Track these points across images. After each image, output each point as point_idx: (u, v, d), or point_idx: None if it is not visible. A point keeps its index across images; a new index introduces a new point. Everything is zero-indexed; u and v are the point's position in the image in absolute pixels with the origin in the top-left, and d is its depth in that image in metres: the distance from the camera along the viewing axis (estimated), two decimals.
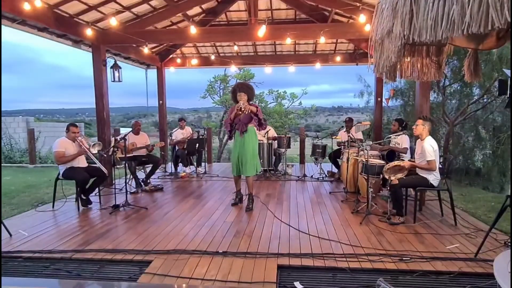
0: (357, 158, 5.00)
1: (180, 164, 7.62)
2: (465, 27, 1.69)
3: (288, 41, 6.01)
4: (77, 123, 4.96)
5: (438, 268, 2.93)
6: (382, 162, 4.64)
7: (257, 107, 4.48)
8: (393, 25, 2.19)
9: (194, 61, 8.73)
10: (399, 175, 4.05)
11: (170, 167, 7.81)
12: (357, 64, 8.29)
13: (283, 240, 3.59)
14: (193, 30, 5.85)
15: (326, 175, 7.05)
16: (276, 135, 7.62)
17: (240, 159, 4.54)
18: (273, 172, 7.33)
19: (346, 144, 6.07)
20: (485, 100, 8.74)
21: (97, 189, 5.09)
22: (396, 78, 4.42)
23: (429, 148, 3.92)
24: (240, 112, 4.33)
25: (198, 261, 3.08)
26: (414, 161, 4.24)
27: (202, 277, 2.78)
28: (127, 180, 5.43)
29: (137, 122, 6.27)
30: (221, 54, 9.03)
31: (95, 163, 4.88)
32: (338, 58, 8.40)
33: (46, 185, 6.71)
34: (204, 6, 6.73)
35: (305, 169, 7.49)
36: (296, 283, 2.71)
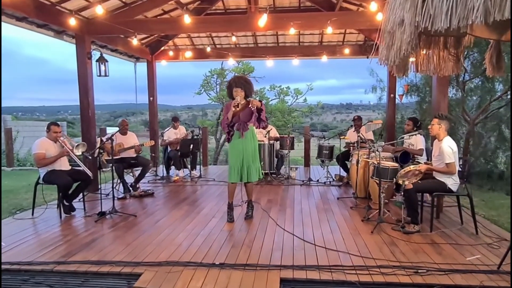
0: (368, 160, 5.01)
1: (173, 167, 7.61)
2: (486, 14, 1.68)
3: (292, 31, 6.02)
4: (59, 122, 5.03)
5: (457, 282, 2.92)
6: (395, 164, 4.63)
7: (261, 102, 4.40)
8: (405, 12, 2.20)
9: (188, 54, 8.75)
10: (414, 179, 4.05)
11: (161, 170, 7.81)
12: (367, 57, 8.31)
13: (286, 250, 3.58)
14: (187, 19, 5.87)
15: (333, 179, 7.05)
16: (278, 135, 7.62)
17: (242, 164, 4.44)
18: (275, 175, 7.33)
19: (355, 145, 6.08)
20: (508, 97, 8.73)
21: (81, 194, 5.09)
22: (408, 72, 4.43)
23: (448, 149, 3.92)
24: (238, 109, 4.26)
25: (193, 274, 3.07)
26: (430, 164, 4.24)
27: None
28: (114, 185, 5.43)
29: (124, 121, 6.27)
30: (217, 46, 9.05)
31: (79, 166, 4.88)
32: (346, 51, 8.42)
33: (25, 190, 6.72)
34: None
35: (310, 172, 7.46)
36: None
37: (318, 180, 7.12)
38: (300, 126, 17.11)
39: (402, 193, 4.13)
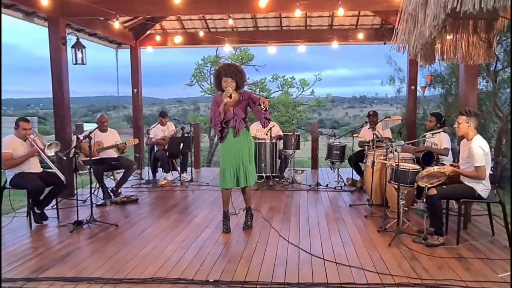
0: (385, 162, 4.98)
1: (160, 170, 7.58)
2: None
3: (298, 13, 6.00)
4: (28, 117, 5.02)
5: None
6: (417, 167, 4.60)
7: (267, 98, 4.42)
8: None
9: (178, 39, 8.73)
10: (436, 182, 4.05)
11: (147, 173, 7.79)
12: (385, 43, 8.29)
13: (290, 266, 3.58)
14: None
15: (345, 184, 7.03)
16: (281, 133, 7.59)
17: (238, 166, 4.45)
18: (278, 179, 7.30)
19: (370, 144, 6.06)
20: None
21: (54, 200, 5.07)
22: (435, 61, 4.44)
23: (479, 151, 3.90)
24: (230, 100, 4.22)
25: None
26: (457, 166, 4.24)
27: None
28: (93, 190, 5.39)
29: (104, 116, 6.26)
30: (212, 30, 9.04)
31: (52, 168, 4.87)
32: (360, 35, 8.41)
33: None
34: None
35: (319, 176, 7.46)
36: None
37: (327, 184, 7.11)
38: (306, 123, 17.09)
39: (425, 200, 4.09)
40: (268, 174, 7.14)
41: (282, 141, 7.48)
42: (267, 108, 4.26)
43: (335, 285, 3.17)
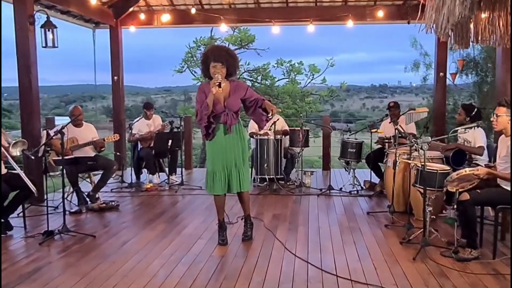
0: (409, 161, 4.96)
1: (145, 171, 7.58)
2: None
3: None
4: None
5: None
6: (446, 168, 4.59)
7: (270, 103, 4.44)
8: None
9: (166, 17, 8.73)
10: (468, 186, 4.04)
11: (129, 174, 7.79)
12: (408, 22, 8.25)
13: (298, 284, 3.56)
14: None
15: (362, 188, 7.03)
16: (287, 128, 7.58)
17: (230, 169, 4.42)
18: (283, 182, 7.30)
19: (392, 141, 6.05)
20: None
21: (20, 207, 5.06)
22: (468, 43, 4.42)
23: None
24: (219, 90, 4.16)
25: None
26: (494, 167, 4.23)
27: None
28: (66, 195, 5.38)
29: (77, 108, 6.23)
30: (205, 7, 9.04)
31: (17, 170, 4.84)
32: (380, 13, 8.40)
33: None
34: None
35: (331, 178, 7.37)
36: None
37: (341, 188, 7.08)
38: (317, 116, 16.97)
39: (456, 207, 4.08)
40: (271, 176, 7.09)
41: (288, 137, 7.45)
42: (273, 118, 4.20)
43: None
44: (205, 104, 4.26)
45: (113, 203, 6.09)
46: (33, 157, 5.01)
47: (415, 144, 4.55)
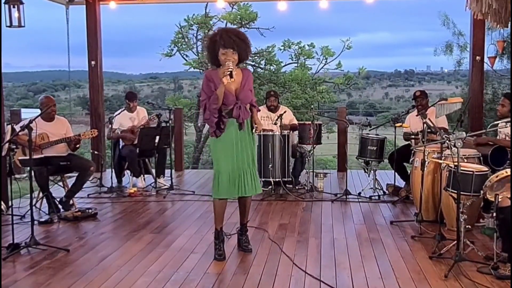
0: (440, 161, 4.85)
1: (127, 173, 7.46)
2: None
3: None
4: None
5: None
6: (484, 168, 4.50)
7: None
8: None
9: None
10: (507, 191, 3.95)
11: (109, 177, 7.65)
12: None
13: None
14: None
15: (384, 192, 6.89)
16: (296, 122, 7.47)
17: (242, 170, 4.36)
18: (291, 186, 7.15)
19: (419, 137, 5.89)
20: None
21: None
22: (509, 22, 4.15)
23: None
24: (232, 80, 4.07)
25: None
26: None
27: None
28: (34, 201, 5.35)
29: (49, 99, 6.13)
30: None
31: None
32: None
33: None
34: None
35: (348, 181, 7.34)
36: None
37: (359, 193, 6.91)
38: (331, 107, 16.83)
39: (495, 214, 4.00)
40: (277, 179, 6.91)
41: (296, 132, 7.36)
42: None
43: None
44: (215, 96, 4.17)
45: (90, 211, 6.00)
46: None
47: (447, 141, 4.46)
